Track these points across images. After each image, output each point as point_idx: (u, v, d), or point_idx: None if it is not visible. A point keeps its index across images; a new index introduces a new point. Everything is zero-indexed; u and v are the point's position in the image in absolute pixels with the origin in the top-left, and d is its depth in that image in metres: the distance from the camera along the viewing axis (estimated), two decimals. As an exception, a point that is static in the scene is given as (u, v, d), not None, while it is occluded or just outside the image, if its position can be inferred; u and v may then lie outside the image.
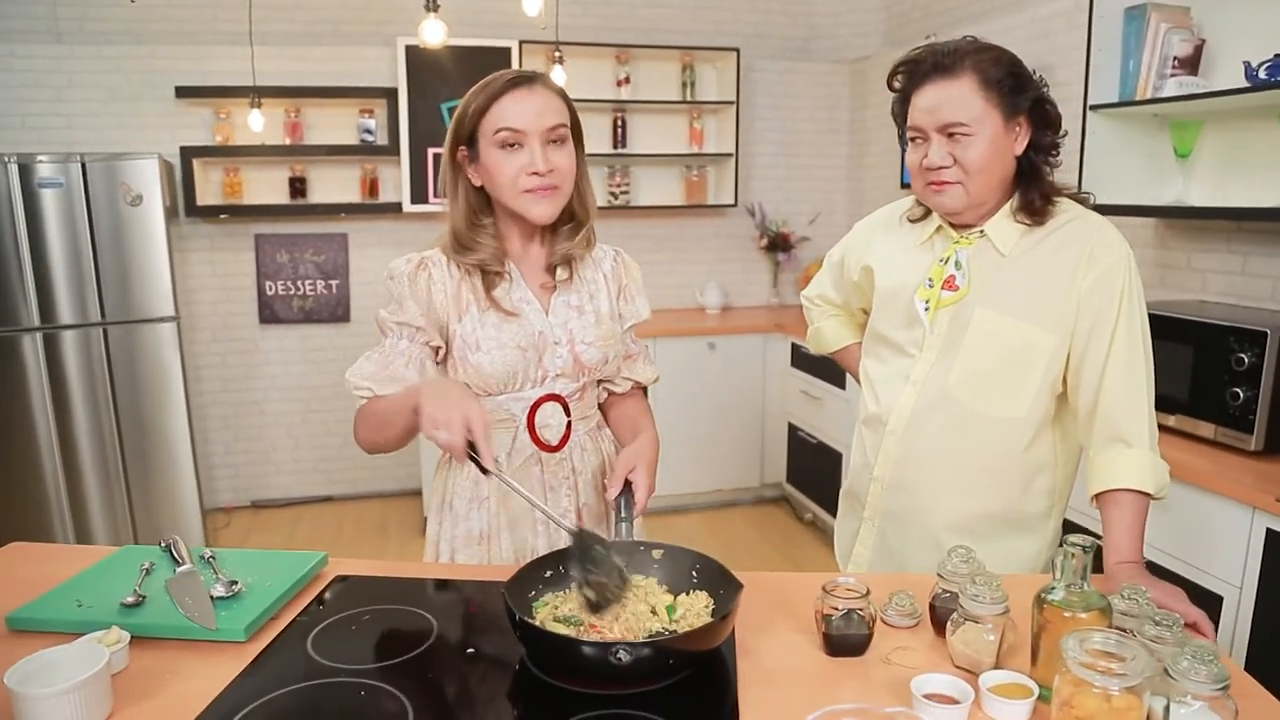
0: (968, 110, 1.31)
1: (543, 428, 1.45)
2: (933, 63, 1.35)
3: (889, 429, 1.49)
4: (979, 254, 1.41)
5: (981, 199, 1.37)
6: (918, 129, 1.37)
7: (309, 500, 4.43)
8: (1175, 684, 0.90)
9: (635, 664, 0.97)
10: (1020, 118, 1.33)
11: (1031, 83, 1.35)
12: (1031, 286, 1.37)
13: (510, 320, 1.41)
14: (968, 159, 1.32)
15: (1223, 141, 2.43)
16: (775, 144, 4.81)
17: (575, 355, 1.44)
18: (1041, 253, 1.38)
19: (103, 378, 3.43)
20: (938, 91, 1.33)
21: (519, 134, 1.32)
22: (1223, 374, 1.99)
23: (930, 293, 1.43)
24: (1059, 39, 3.12)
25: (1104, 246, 1.35)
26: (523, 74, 1.35)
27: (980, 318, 1.39)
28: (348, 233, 4.28)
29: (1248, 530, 1.80)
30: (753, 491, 4.51)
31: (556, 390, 1.45)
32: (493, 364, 1.40)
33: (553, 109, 1.34)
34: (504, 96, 1.33)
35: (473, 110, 1.35)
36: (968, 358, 1.41)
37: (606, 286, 1.51)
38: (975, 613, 1.05)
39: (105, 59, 3.89)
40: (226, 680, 1.06)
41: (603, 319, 1.48)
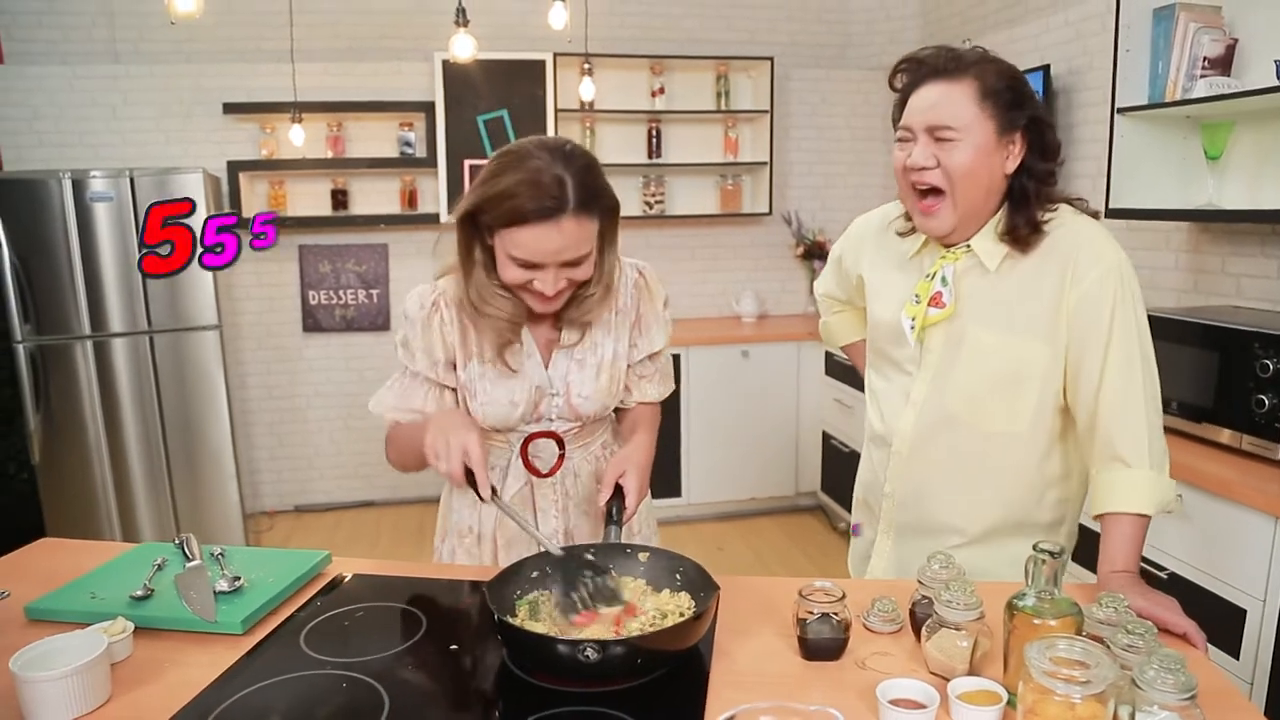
0: (959, 115, 1.28)
1: (535, 457, 1.47)
2: (935, 65, 1.33)
3: (894, 450, 1.47)
4: (966, 270, 1.37)
5: (969, 213, 1.33)
6: (907, 128, 1.34)
7: (350, 505, 4.54)
8: (1142, 693, 0.89)
9: (604, 662, 0.99)
10: (1015, 135, 1.30)
11: (1030, 101, 1.31)
12: (1020, 300, 1.34)
13: (511, 376, 1.41)
14: (951, 163, 1.29)
15: (1255, 143, 2.35)
16: (811, 152, 4.79)
17: (572, 405, 1.44)
18: (1028, 266, 1.34)
19: (150, 384, 3.58)
20: (934, 92, 1.31)
21: (534, 264, 1.27)
22: (1248, 381, 1.93)
23: (916, 309, 1.40)
24: (1091, 41, 3.06)
25: (1091, 258, 1.29)
26: (551, 204, 1.22)
27: (976, 338, 1.36)
28: (388, 243, 4.39)
29: (1271, 541, 1.74)
30: (787, 500, 4.48)
31: (553, 429, 1.46)
32: (486, 416, 1.42)
33: (575, 243, 1.25)
34: (527, 226, 1.23)
35: (495, 214, 1.25)
36: (964, 376, 1.38)
37: (617, 325, 1.46)
38: (949, 618, 1.04)
39: (158, 77, 4.06)
40: (221, 670, 1.11)
41: (604, 368, 1.45)
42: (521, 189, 1.22)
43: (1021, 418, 1.36)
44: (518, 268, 1.28)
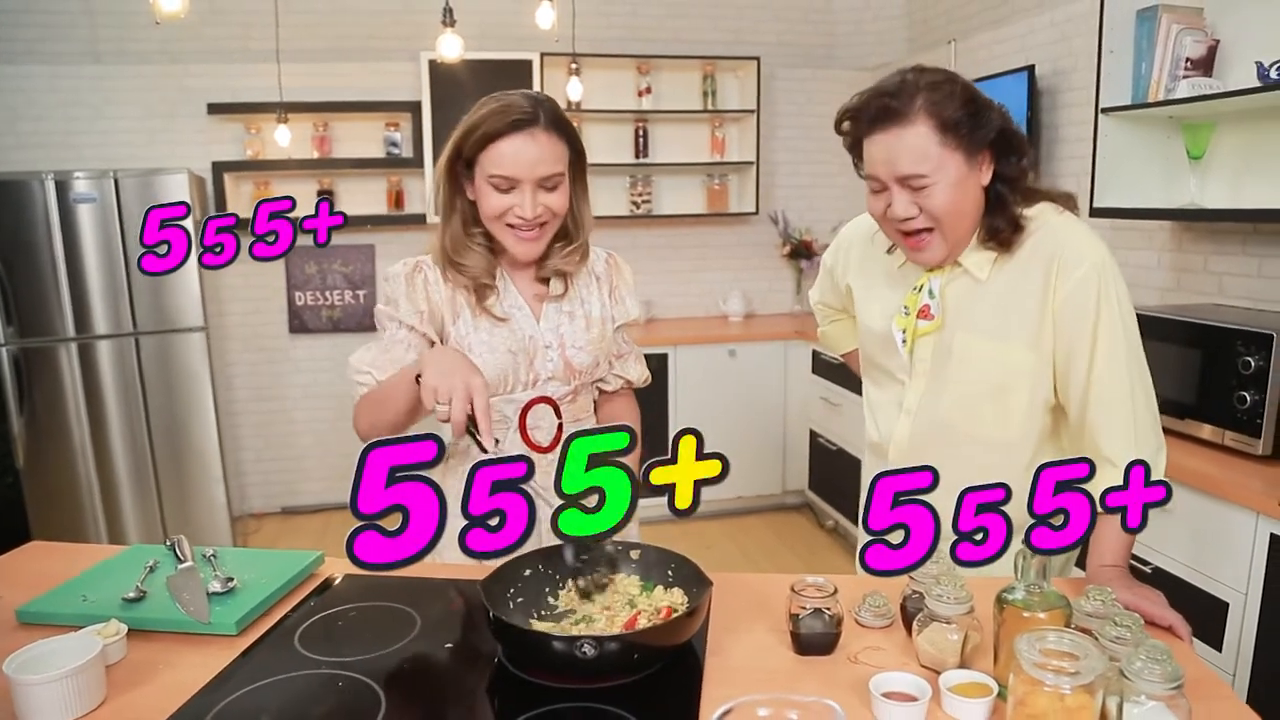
0: (925, 160, 1.23)
1: (534, 429, 1.47)
2: (879, 108, 1.25)
3: (891, 459, 1.46)
4: (952, 280, 1.37)
5: (959, 240, 1.32)
6: (875, 178, 1.30)
7: (338, 506, 4.51)
8: (1129, 683, 0.90)
9: (600, 658, 1.00)
10: (983, 153, 1.27)
11: (990, 114, 1.26)
12: (1006, 306, 1.33)
13: (501, 325, 1.45)
14: (933, 206, 1.26)
15: (1236, 143, 2.39)
16: (798, 152, 4.81)
17: (566, 359, 1.48)
18: (1012, 270, 1.33)
19: (135, 387, 3.56)
20: (890, 140, 1.24)
21: (512, 180, 1.34)
22: (1230, 378, 1.96)
23: (906, 321, 1.40)
24: (1076, 42, 3.09)
25: (1074, 259, 1.28)
26: (524, 116, 1.33)
27: (964, 346, 1.36)
28: (374, 243, 4.38)
29: (1252, 536, 1.77)
30: (774, 499, 4.50)
31: (548, 393, 1.47)
32: (484, 367, 1.42)
33: (549, 157, 1.34)
34: (503, 139, 1.33)
35: (473, 140, 1.36)
36: (956, 384, 1.38)
37: (598, 289, 1.55)
38: (940, 612, 1.06)
39: (142, 78, 4.03)
40: (216, 671, 1.11)
41: (594, 323, 1.52)
42: (495, 112, 1.34)
43: (1012, 423, 1.36)
44: (499, 194, 1.35)
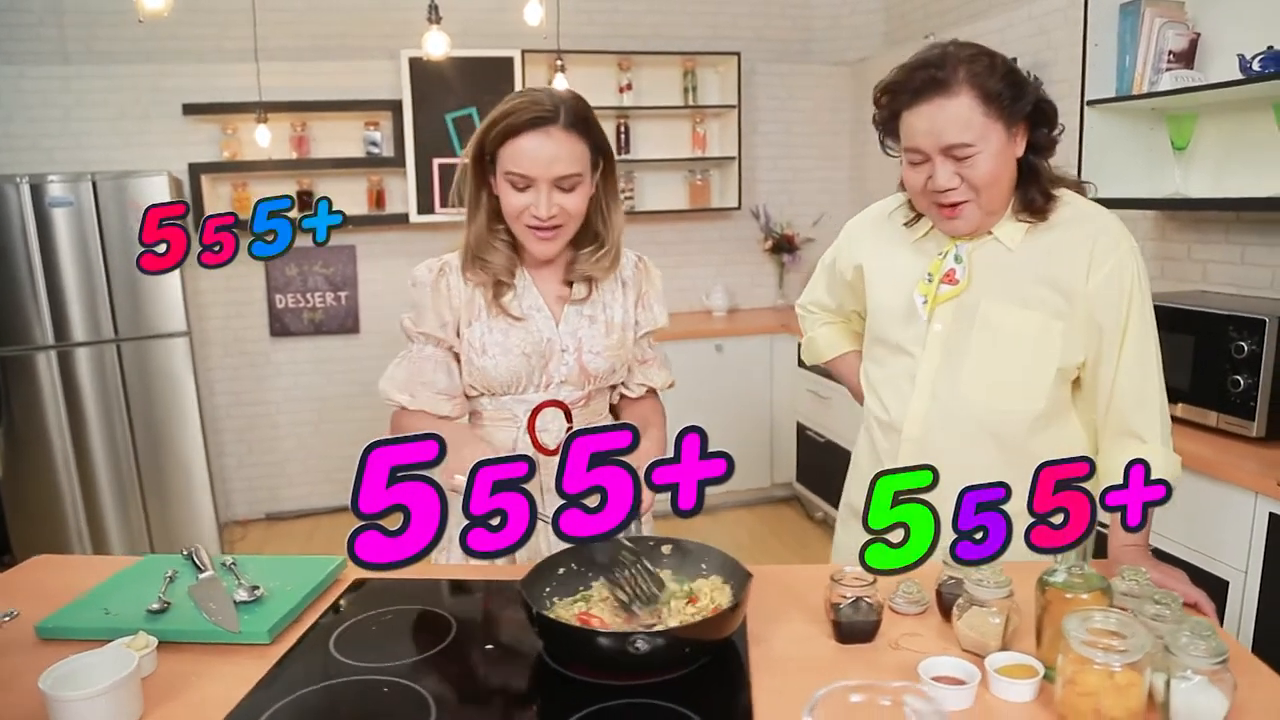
0: (970, 129, 1.26)
1: (542, 431, 1.45)
2: (924, 79, 1.28)
3: (906, 436, 1.45)
4: (980, 246, 1.38)
5: (993, 211, 1.35)
6: (917, 150, 1.31)
7: (324, 511, 4.47)
8: (1175, 659, 0.92)
9: (653, 653, 1.00)
10: (1020, 124, 1.30)
11: (1029, 87, 1.30)
12: (1036, 275, 1.35)
13: (517, 326, 1.45)
14: (976, 176, 1.28)
15: (1219, 133, 2.45)
16: (778, 146, 4.84)
17: (582, 364, 1.47)
18: (1044, 244, 1.35)
19: (117, 394, 3.49)
20: (935, 111, 1.27)
21: (527, 179, 1.35)
22: (1224, 362, 2.01)
23: (929, 287, 1.40)
24: (1055, 35, 3.15)
25: (1110, 243, 1.32)
26: (544, 114, 1.33)
27: (989, 312, 1.36)
28: (355, 244, 4.33)
29: (1251, 515, 1.82)
30: (763, 491, 4.53)
31: (561, 397, 1.47)
32: (496, 368, 1.44)
33: (566, 157, 1.34)
34: (521, 136, 1.33)
35: (492, 136, 1.36)
36: (980, 354, 1.38)
37: (624, 294, 1.53)
38: (980, 597, 1.08)
39: (113, 78, 3.95)
40: (251, 682, 1.09)
41: (614, 328, 1.50)
42: (518, 106, 1.34)
43: (1040, 395, 1.36)
44: (516, 192, 1.36)
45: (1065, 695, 0.94)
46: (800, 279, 4.93)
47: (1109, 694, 0.91)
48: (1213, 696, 0.91)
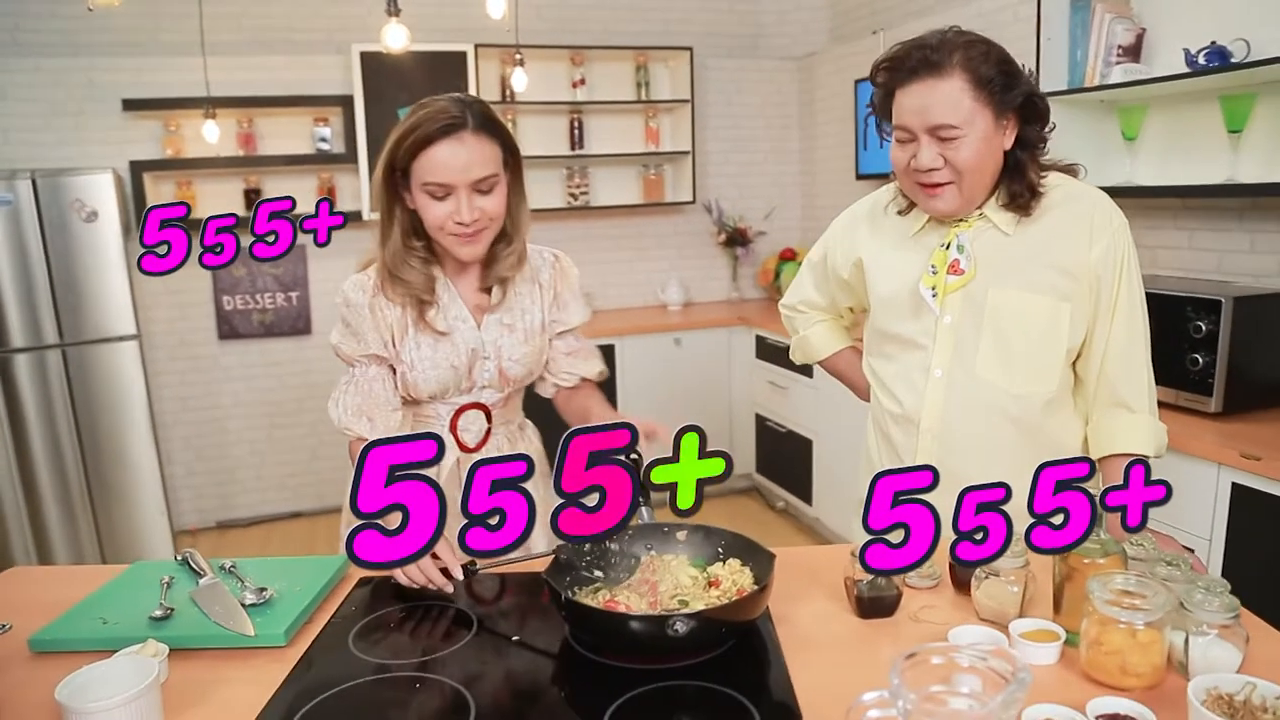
0: (957, 111, 1.28)
1: (463, 431, 1.54)
2: (920, 59, 1.30)
3: (924, 427, 1.45)
4: (980, 234, 1.40)
5: (973, 196, 1.37)
6: (905, 128, 1.34)
7: (277, 517, 4.35)
8: (1191, 615, 0.97)
9: (690, 635, 1.01)
10: (1010, 115, 1.32)
11: (1021, 79, 1.32)
12: (1039, 260, 1.37)
13: (443, 341, 1.47)
14: (959, 159, 1.30)
15: (1166, 124, 2.56)
16: (729, 141, 4.88)
17: (501, 370, 1.52)
18: (1042, 227, 1.37)
19: (64, 401, 3.33)
20: (925, 90, 1.29)
21: (446, 187, 1.35)
22: (1183, 342, 2.11)
23: (935, 279, 1.40)
24: (1005, 31, 3.25)
25: (1104, 219, 1.36)
26: (453, 120, 1.33)
27: (997, 299, 1.38)
28: (305, 243, 4.21)
29: (1214, 486, 1.92)
30: (723, 483, 4.56)
31: (481, 400, 1.53)
32: (426, 381, 1.48)
33: (481, 160, 1.35)
34: (433, 146, 1.33)
35: (404, 149, 1.36)
36: (993, 340, 1.39)
37: (540, 295, 1.56)
38: (999, 567, 1.11)
39: (44, 71, 3.77)
40: (271, 684, 1.07)
41: (532, 335, 1.54)
42: (424, 118, 1.34)
43: (1052, 376, 1.39)
44: (436, 201, 1.36)
45: (1091, 655, 0.98)
46: (754, 272, 4.99)
47: (1133, 651, 0.95)
48: (1227, 649, 0.97)
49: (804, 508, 3.95)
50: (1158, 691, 0.96)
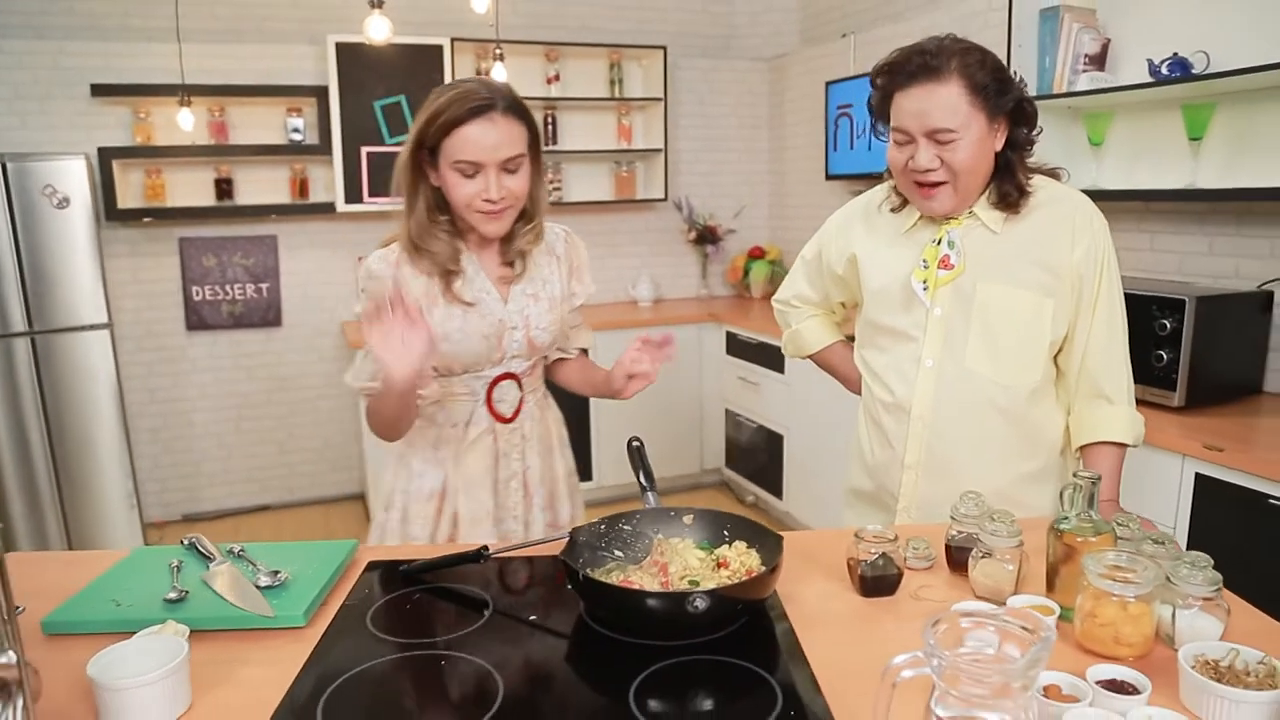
0: (954, 115, 1.35)
1: (499, 402, 1.59)
2: (919, 64, 1.37)
3: (916, 415, 1.51)
4: (969, 231, 1.47)
5: (967, 196, 1.44)
6: (903, 130, 1.41)
7: (244, 511, 4.31)
8: (1177, 589, 1.04)
9: (707, 612, 1.05)
10: (1001, 118, 1.40)
11: (1014, 85, 1.40)
12: (1025, 257, 1.44)
13: (472, 311, 1.52)
14: (955, 161, 1.38)
15: (1131, 131, 2.67)
16: (700, 139, 4.94)
17: (530, 339, 1.57)
18: (1028, 226, 1.45)
19: (32, 390, 3.26)
20: (925, 95, 1.37)
21: (476, 165, 1.40)
22: (1148, 339, 2.22)
23: (927, 273, 1.48)
24: (975, 37, 3.31)
25: (1085, 220, 1.45)
26: (484, 102, 1.39)
27: (985, 293, 1.45)
28: (277, 234, 4.18)
29: (1179, 476, 2.02)
30: (693, 478, 4.63)
31: (512, 369, 1.58)
32: (458, 353, 1.52)
33: (509, 140, 1.40)
34: (465, 125, 1.38)
35: (435, 128, 1.40)
36: (980, 333, 1.46)
37: (559, 268, 1.63)
38: (995, 546, 1.17)
39: (7, 54, 3.68)
40: (293, 664, 1.08)
41: (555, 304, 1.61)
42: (455, 99, 1.39)
43: (1037, 368, 1.47)
44: (465, 179, 1.41)
45: (1086, 627, 1.04)
46: (723, 269, 5.06)
47: (1125, 623, 1.02)
48: (1210, 621, 1.04)
49: (775, 502, 4.02)
50: (1147, 660, 1.02)
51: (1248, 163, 2.36)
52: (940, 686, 0.73)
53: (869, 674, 0.86)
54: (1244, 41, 2.28)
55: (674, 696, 0.99)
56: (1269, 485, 1.86)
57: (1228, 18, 2.37)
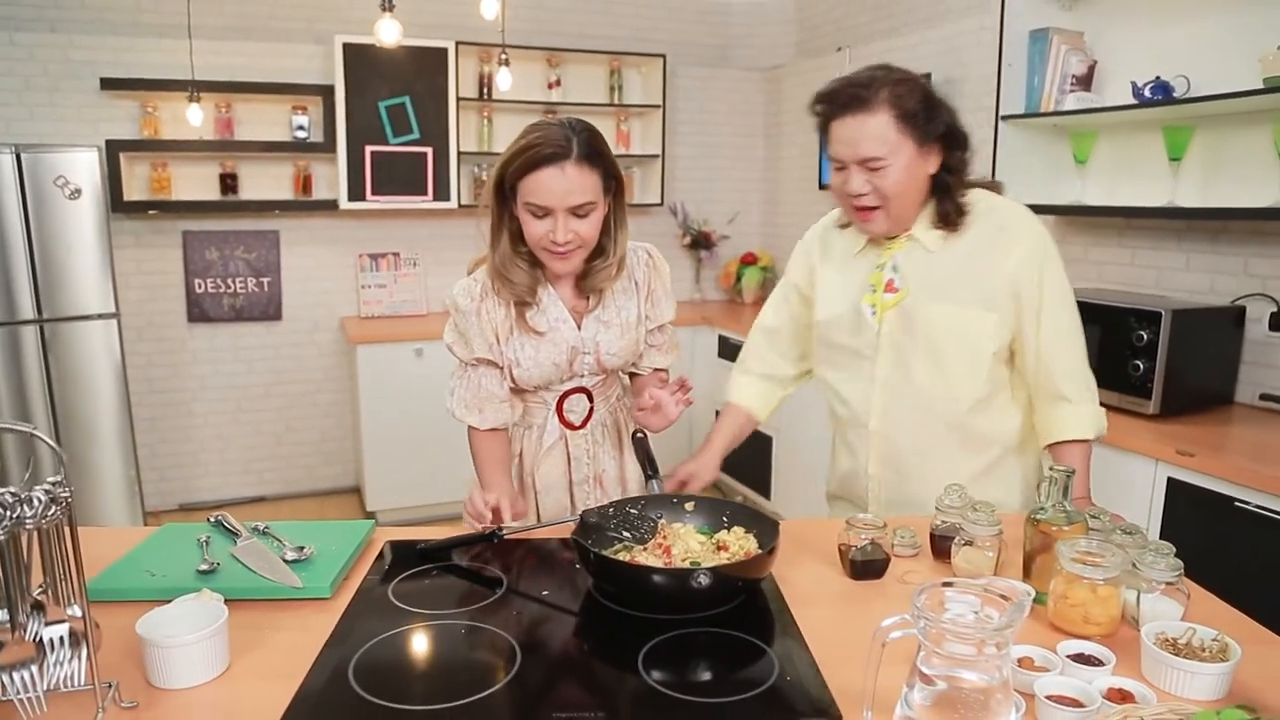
0: (883, 144, 1.43)
1: (569, 412, 1.69)
2: (849, 95, 1.45)
3: (872, 429, 1.60)
4: (909, 255, 1.54)
5: (902, 218, 1.51)
6: (837, 159, 1.49)
7: (240, 501, 4.36)
8: (1142, 574, 1.13)
9: (710, 588, 1.14)
10: (932, 143, 1.46)
11: (943, 110, 1.46)
12: (964, 274, 1.51)
13: (543, 340, 1.61)
14: (885, 186, 1.46)
15: (1114, 150, 2.79)
16: (696, 147, 5.04)
17: (600, 361, 1.65)
18: (965, 243, 1.52)
19: (39, 377, 3.31)
20: (855, 125, 1.44)
21: (545, 209, 1.48)
22: (1124, 349, 2.32)
23: (874, 297, 1.57)
24: (966, 54, 3.46)
25: (1018, 232, 1.51)
26: (558, 149, 1.44)
27: (928, 313, 1.52)
28: (279, 230, 4.24)
29: (1152, 480, 2.12)
30: (683, 478, 4.71)
31: (583, 384, 1.67)
32: (531, 376, 1.62)
33: (580, 189, 1.46)
34: (538, 171, 1.45)
35: (513, 169, 1.48)
36: (927, 350, 1.53)
37: (636, 293, 1.69)
38: (976, 534, 1.26)
39: (18, 46, 3.73)
40: (322, 631, 1.15)
41: (628, 329, 1.67)
42: (535, 141, 1.46)
43: (980, 379, 1.54)
44: (536, 220, 1.49)
45: (1058, 608, 1.14)
46: (716, 275, 5.15)
47: (1094, 604, 1.11)
48: (1171, 604, 1.13)
49: (763, 502, 4.11)
50: (1114, 639, 1.11)
51: (1224, 183, 2.47)
52: (926, 647, 0.81)
53: (858, 646, 0.94)
54: (1223, 68, 2.39)
55: (679, 663, 1.07)
56: (1236, 489, 1.97)
57: (1208, 44, 2.48)
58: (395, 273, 4.36)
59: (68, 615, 0.96)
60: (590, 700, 1.00)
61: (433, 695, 0.99)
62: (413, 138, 4.11)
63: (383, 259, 4.33)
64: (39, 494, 0.91)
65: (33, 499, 0.91)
